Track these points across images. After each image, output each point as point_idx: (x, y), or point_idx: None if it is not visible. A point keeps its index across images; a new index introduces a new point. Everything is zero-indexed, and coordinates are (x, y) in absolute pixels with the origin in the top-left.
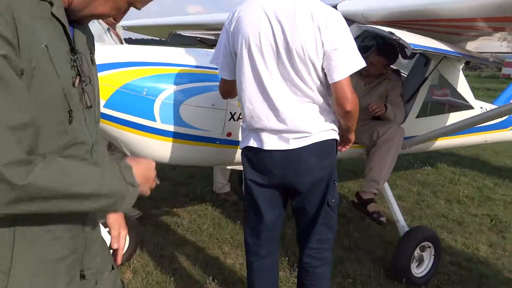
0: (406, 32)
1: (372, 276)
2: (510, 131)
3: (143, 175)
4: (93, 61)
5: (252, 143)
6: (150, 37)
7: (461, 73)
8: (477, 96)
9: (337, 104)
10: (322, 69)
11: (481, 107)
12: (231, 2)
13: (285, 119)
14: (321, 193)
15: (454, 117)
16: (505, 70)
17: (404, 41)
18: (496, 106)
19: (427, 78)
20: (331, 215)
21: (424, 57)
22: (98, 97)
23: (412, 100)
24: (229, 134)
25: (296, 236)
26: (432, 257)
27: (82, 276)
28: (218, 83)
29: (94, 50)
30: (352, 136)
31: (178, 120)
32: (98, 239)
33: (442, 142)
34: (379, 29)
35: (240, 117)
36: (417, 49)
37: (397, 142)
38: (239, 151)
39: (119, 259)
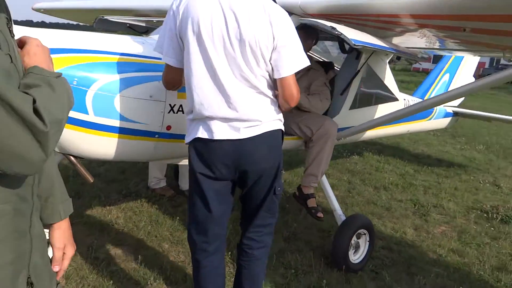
0: (346, 27)
1: (313, 265)
2: (428, 121)
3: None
4: (11, 33)
5: (201, 134)
6: (67, 21)
7: (387, 67)
8: None
9: (283, 99)
10: (270, 63)
11: (404, 99)
12: None
13: (236, 107)
14: (270, 181)
15: (382, 109)
16: (416, 64)
17: (345, 36)
18: (416, 98)
19: (359, 71)
20: (275, 202)
21: (355, 51)
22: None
23: (346, 92)
24: (168, 128)
25: (239, 221)
26: (367, 243)
27: (30, 284)
28: (156, 73)
29: (10, 18)
30: None
31: (113, 112)
32: (44, 244)
33: (371, 133)
34: (321, 23)
35: (180, 109)
36: (357, 45)
37: (331, 137)
38: (180, 145)
39: (58, 278)
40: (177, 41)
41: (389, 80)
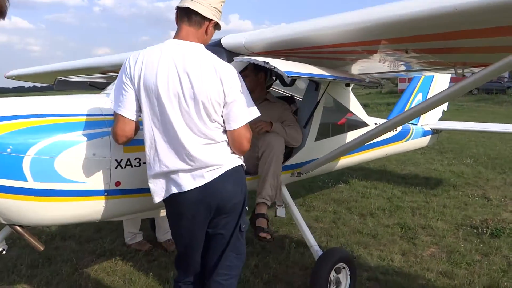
0: (282, 60)
1: None
2: (405, 142)
3: None
4: None
5: (172, 190)
6: (40, 85)
7: (351, 94)
8: (379, 112)
9: (234, 148)
10: (222, 116)
11: (376, 123)
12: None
13: (195, 159)
14: (236, 218)
15: (352, 136)
16: (401, 86)
17: (278, 69)
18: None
19: (319, 102)
20: (241, 241)
21: (314, 83)
22: None
23: (309, 124)
24: (118, 184)
25: (203, 261)
26: (348, 277)
27: None
28: (98, 130)
29: None
30: None
31: (54, 175)
32: None
33: (345, 161)
34: (254, 59)
35: (129, 163)
36: (291, 76)
37: (274, 149)
38: (134, 200)
39: None
40: (133, 95)
41: (356, 107)
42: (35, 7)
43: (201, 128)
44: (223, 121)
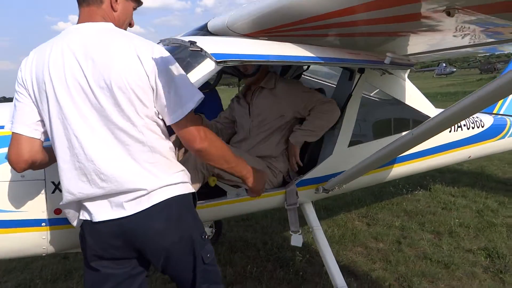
0: (223, 38)
1: None
2: (499, 140)
3: None
4: None
5: (82, 215)
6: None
7: (408, 82)
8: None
9: (186, 145)
10: (155, 108)
11: None
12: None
13: (109, 177)
14: (188, 256)
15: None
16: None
17: (205, 51)
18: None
19: (351, 95)
20: (210, 271)
21: (347, 70)
22: None
23: (339, 124)
24: (57, 211)
25: None
26: None
27: None
28: None
29: None
30: (250, 182)
31: None
32: None
33: (402, 169)
34: (180, 40)
35: None
36: (222, 61)
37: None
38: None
39: None
40: (29, 104)
41: (414, 99)
42: (145, 13)
43: (123, 126)
44: (161, 119)
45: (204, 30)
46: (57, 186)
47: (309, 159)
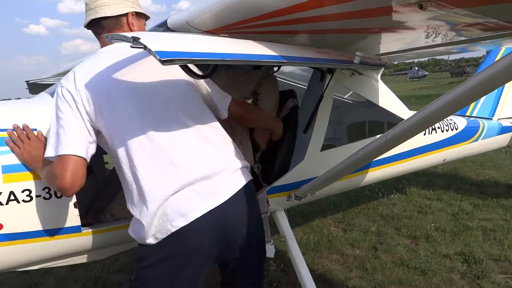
0: (174, 34)
1: None
2: (473, 143)
3: None
4: None
5: (177, 224)
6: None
7: (381, 84)
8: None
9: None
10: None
11: None
12: None
13: (206, 165)
14: (262, 244)
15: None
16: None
17: (149, 49)
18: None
19: (322, 96)
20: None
21: (318, 71)
22: None
23: (310, 127)
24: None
25: None
26: None
27: None
28: None
29: None
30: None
31: None
32: None
33: (376, 173)
34: (122, 35)
35: (12, 197)
36: (167, 59)
37: None
38: (26, 247)
39: None
40: (82, 126)
41: (387, 101)
42: None
43: (190, 122)
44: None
45: (164, 27)
46: None
47: (280, 165)
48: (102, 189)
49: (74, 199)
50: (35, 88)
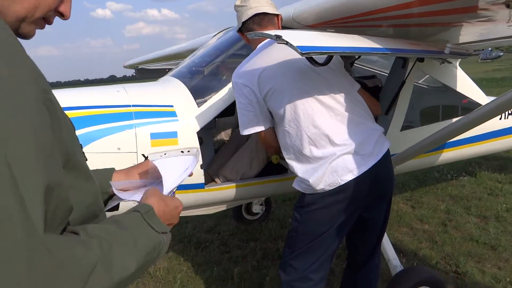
0: (306, 31)
1: None
2: None
3: (168, 214)
4: None
5: (345, 177)
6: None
7: (460, 70)
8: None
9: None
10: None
11: None
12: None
13: (358, 134)
14: (390, 197)
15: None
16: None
17: (291, 44)
18: None
19: (404, 82)
20: None
21: (401, 58)
22: None
23: (392, 109)
24: None
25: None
26: None
27: None
28: (125, 122)
29: None
30: None
31: None
32: None
33: (450, 154)
34: (266, 33)
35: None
36: (306, 52)
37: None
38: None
39: None
40: (265, 107)
41: (465, 86)
42: None
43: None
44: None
45: None
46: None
47: None
48: (215, 158)
49: (200, 161)
50: (143, 72)
